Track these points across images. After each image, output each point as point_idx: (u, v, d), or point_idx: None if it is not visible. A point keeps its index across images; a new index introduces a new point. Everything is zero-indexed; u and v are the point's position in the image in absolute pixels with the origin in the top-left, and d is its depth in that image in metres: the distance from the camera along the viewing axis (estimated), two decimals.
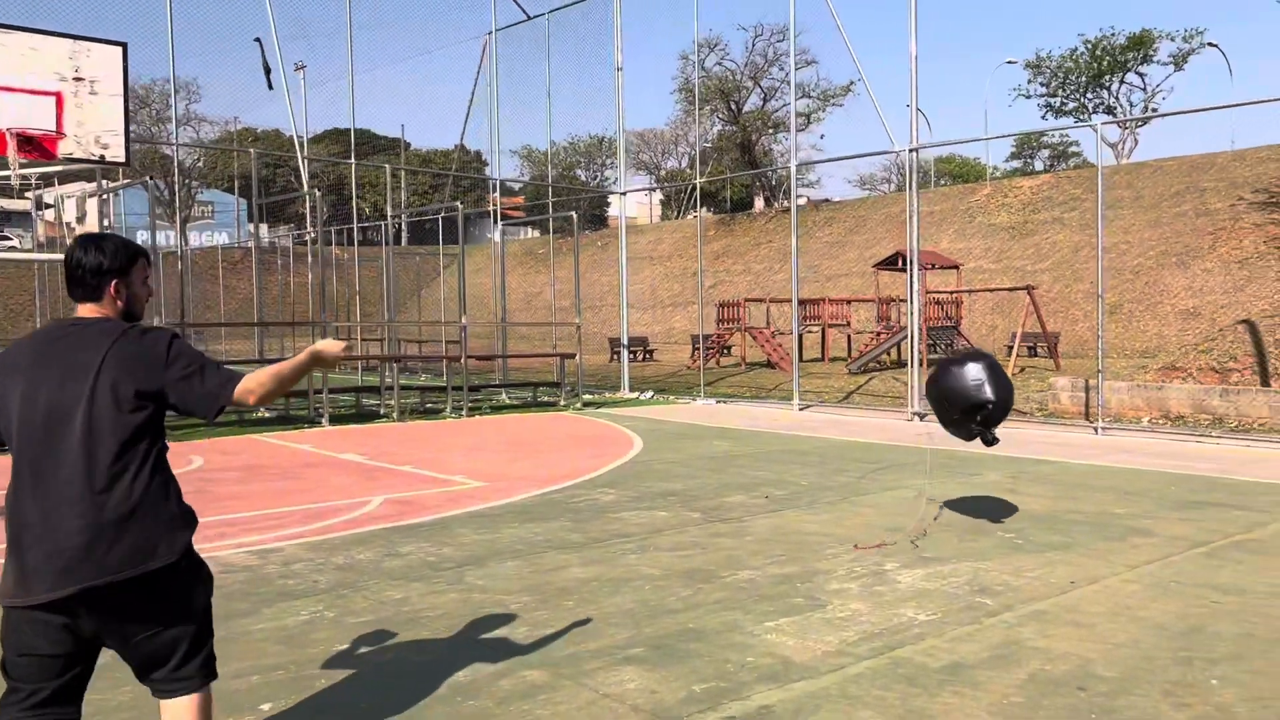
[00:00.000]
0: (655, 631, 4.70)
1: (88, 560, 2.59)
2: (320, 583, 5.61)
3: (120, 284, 2.81)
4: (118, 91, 10.37)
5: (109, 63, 10.31)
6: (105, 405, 2.67)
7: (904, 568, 5.83)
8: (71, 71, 10.08)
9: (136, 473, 2.70)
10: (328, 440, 12.22)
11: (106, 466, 2.66)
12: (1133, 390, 14.43)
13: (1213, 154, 37.34)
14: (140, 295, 2.89)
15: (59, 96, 9.99)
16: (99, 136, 10.21)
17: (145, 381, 2.71)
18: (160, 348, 2.75)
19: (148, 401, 2.73)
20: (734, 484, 8.80)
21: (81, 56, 10.15)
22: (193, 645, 2.86)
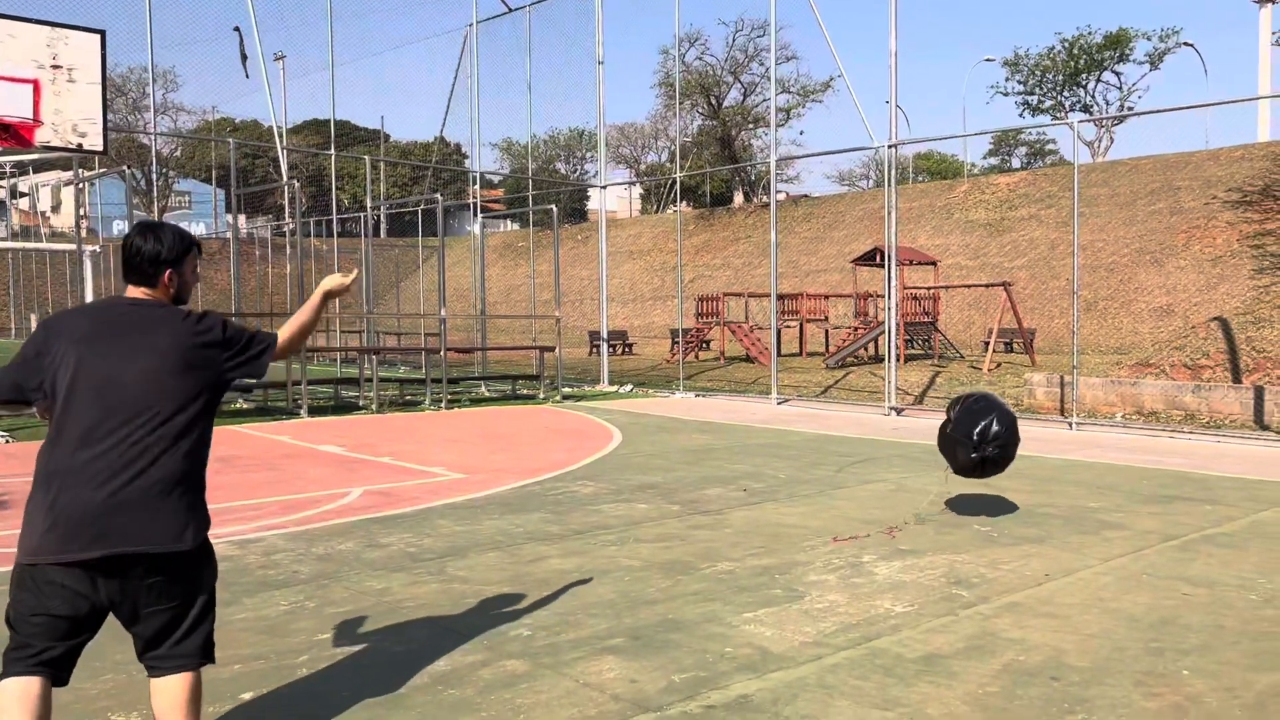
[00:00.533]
0: (635, 622, 4.74)
1: (124, 528, 2.70)
2: (301, 573, 5.61)
3: (174, 273, 2.99)
4: (96, 80, 10.28)
5: (87, 50, 10.21)
6: (170, 386, 2.82)
7: (881, 560, 5.89)
8: (49, 59, 9.98)
9: (186, 453, 2.86)
10: (306, 432, 12.18)
11: (159, 443, 2.79)
12: (1107, 386, 14.59)
13: (1188, 153, 37.72)
14: (190, 283, 3.07)
15: (36, 84, 9.89)
16: (76, 125, 10.12)
17: (210, 364, 2.92)
18: (218, 331, 2.97)
19: (208, 386, 2.93)
20: (713, 477, 8.84)
21: (59, 44, 10.05)
22: (195, 623, 2.97)
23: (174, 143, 59.83)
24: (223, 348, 2.95)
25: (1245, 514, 7.20)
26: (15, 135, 9.72)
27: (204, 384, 2.90)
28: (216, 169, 49.61)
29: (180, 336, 2.87)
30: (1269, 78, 61.59)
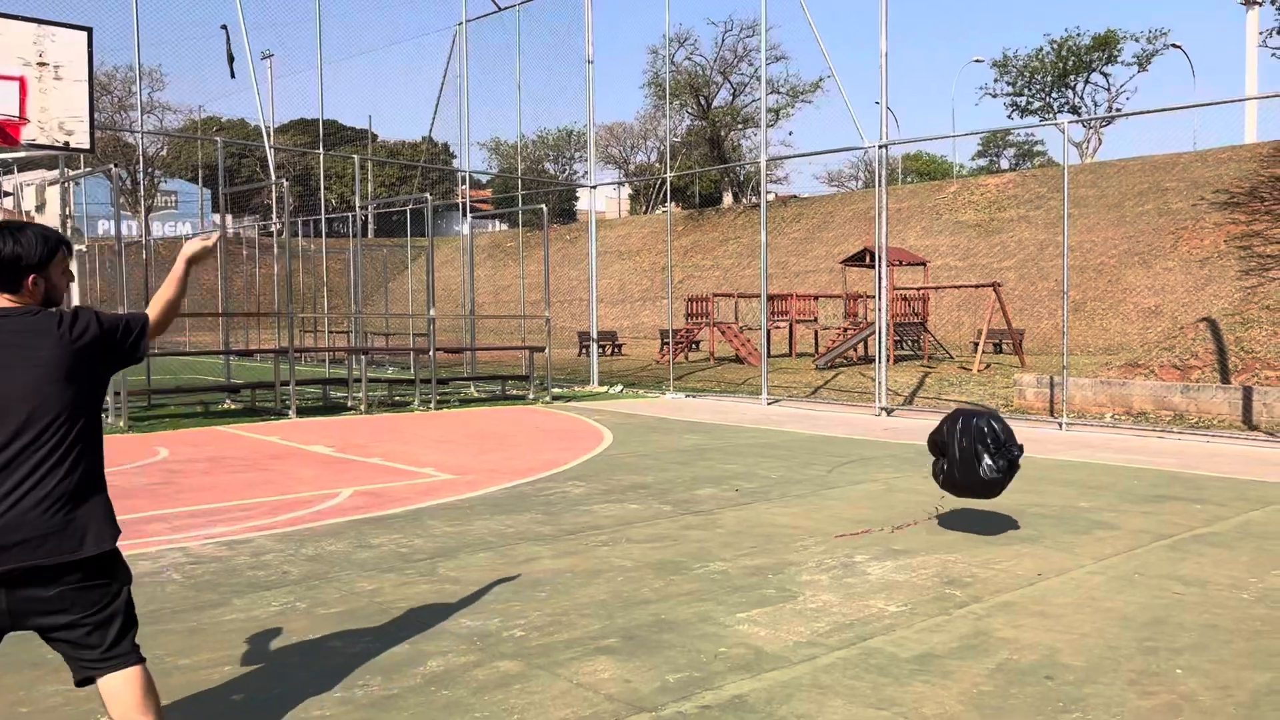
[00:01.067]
0: (628, 622, 4.72)
1: (23, 542, 2.64)
2: (291, 574, 5.58)
3: (39, 277, 2.83)
4: (83, 77, 10.20)
5: (74, 48, 10.13)
6: (55, 395, 2.72)
7: (874, 560, 5.88)
8: (36, 56, 9.90)
9: (78, 459, 2.77)
10: (295, 432, 12.12)
11: (51, 454, 2.71)
12: (1096, 386, 14.64)
13: (1176, 154, 37.89)
14: (59, 285, 2.92)
15: (22, 81, 9.81)
16: (63, 123, 10.04)
17: (92, 364, 2.82)
18: (94, 328, 2.83)
19: (94, 386, 2.84)
20: (704, 477, 8.83)
21: (46, 41, 9.97)
22: (119, 632, 2.92)
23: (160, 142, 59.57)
24: (101, 344, 2.83)
25: (1236, 513, 7.22)
26: (2, 133, 9.64)
27: (89, 386, 2.81)
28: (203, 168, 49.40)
29: (59, 345, 2.75)
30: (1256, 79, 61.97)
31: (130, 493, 8.02)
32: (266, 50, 21.43)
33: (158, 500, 7.70)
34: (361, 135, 66.42)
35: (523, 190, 26.30)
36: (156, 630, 4.60)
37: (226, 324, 15.67)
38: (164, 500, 7.70)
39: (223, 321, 15.52)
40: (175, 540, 6.37)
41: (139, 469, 9.26)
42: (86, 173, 13.94)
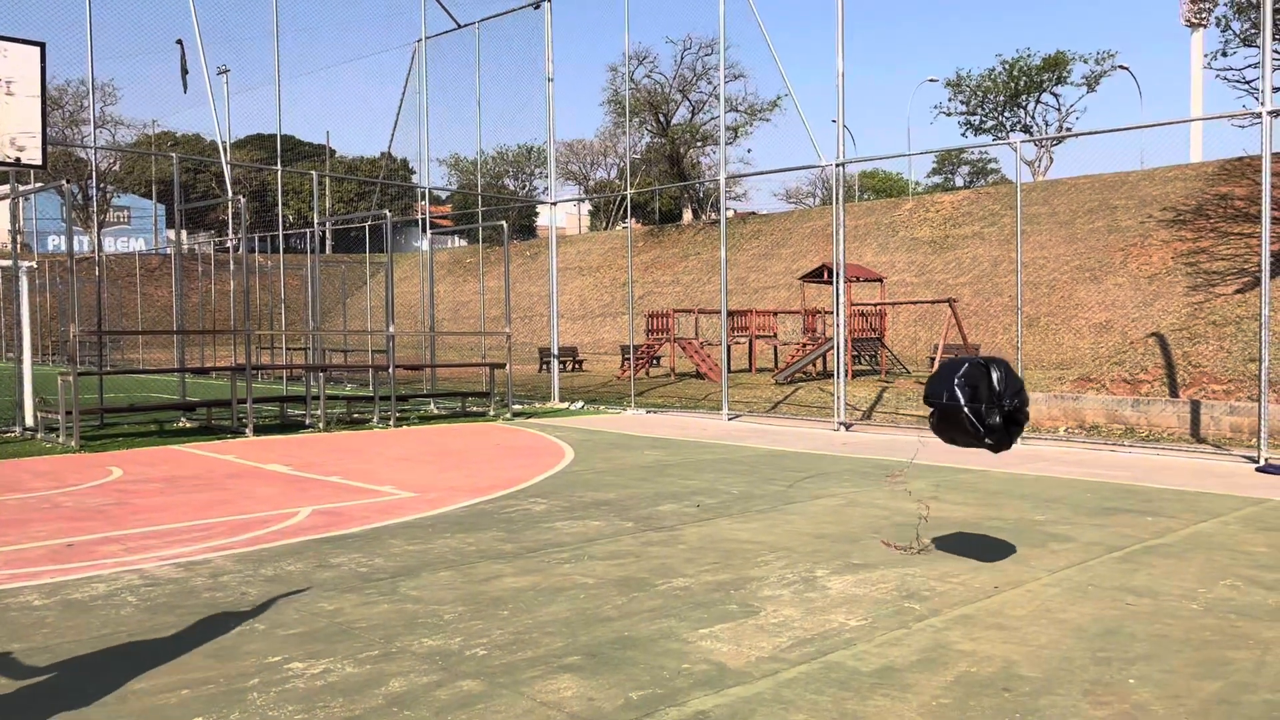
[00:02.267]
0: (591, 640, 4.72)
1: None
2: (250, 595, 5.51)
3: None
4: (35, 93, 10.06)
5: (26, 62, 9.99)
6: None
7: (834, 574, 5.94)
8: None
9: None
10: (252, 451, 11.98)
11: None
12: (1049, 401, 14.87)
13: (1124, 173, 38.69)
14: None
15: None
16: (15, 138, 9.88)
17: None
18: None
19: None
20: (666, 493, 8.85)
21: None
22: None
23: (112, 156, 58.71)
24: None
25: (1185, 525, 7.37)
26: None
27: None
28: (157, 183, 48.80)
29: None
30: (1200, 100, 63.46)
31: (83, 514, 7.88)
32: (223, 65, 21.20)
33: (112, 522, 7.57)
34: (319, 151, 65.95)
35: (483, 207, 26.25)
36: (111, 655, 4.53)
37: (182, 341, 15.46)
38: (118, 521, 7.58)
39: (178, 339, 15.31)
40: (130, 563, 6.27)
41: (91, 489, 9.10)
42: (39, 188, 13.73)
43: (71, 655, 4.51)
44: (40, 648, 4.62)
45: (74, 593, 5.56)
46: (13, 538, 7.01)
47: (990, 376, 5.75)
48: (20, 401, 13.29)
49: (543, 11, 19.00)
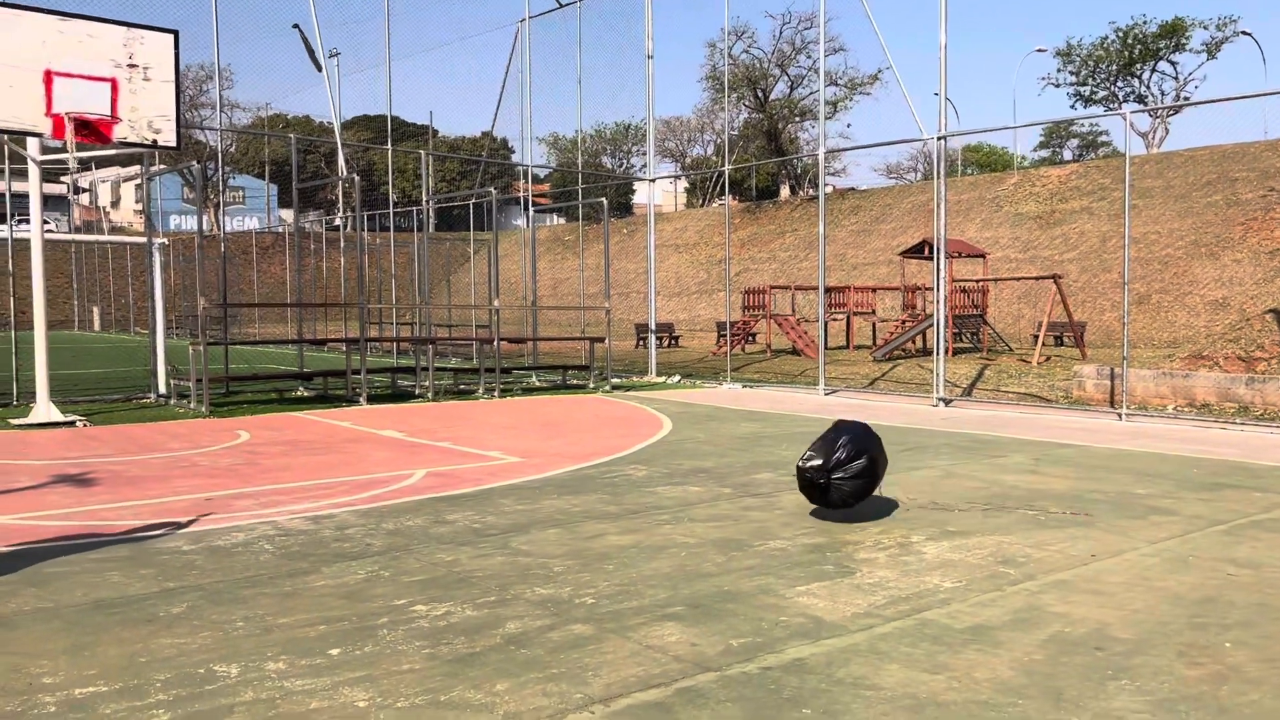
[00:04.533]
0: (692, 593, 4.97)
1: None
2: (374, 545, 5.92)
3: None
4: (170, 78, 10.72)
5: (161, 50, 10.65)
6: None
7: (929, 540, 6.07)
8: (126, 58, 10.43)
9: None
10: (366, 418, 12.56)
11: None
12: (1158, 378, 14.54)
13: (1246, 143, 37.04)
14: None
15: (114, 82, 10.34)
16: (151, 122, 10.56)
17: None
18: None
19: None
20: (762, 462, 9.05)
21: (135, 44, 10.49)
22: None
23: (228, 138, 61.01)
24: None
25: None
26: (95, 132, 10.18)
27: None
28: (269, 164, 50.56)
29: None
30: None
31: (217, 472, 8.46)
32: (334, 49, 21.96)
33: (243, 479, 8.13)
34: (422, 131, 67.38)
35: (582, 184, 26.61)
36: (255, 593, 4.96)
37: (299, 315, 16.21)
38: (249, 479, 8.12)
39: (296, 313, 16.05)
40: (264, 515, 6.76)
41: (223, 451, 9.73)
42: (164, 170, 14.53)
43: (220, 594, 4.96)
44: (192, 586, 5.08)
45: (217, 540, 6.05)
46: (157, 491, 7.59)
47: (835, 444, 6.58)
48: (155, 370, 14.16)
49: None
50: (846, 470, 6.48)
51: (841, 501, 6.57)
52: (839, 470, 6.48)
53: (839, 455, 6.50)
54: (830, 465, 6.48)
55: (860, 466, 6.50)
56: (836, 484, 6.49)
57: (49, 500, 7.27)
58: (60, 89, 9.98)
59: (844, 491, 6.52)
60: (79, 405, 13.20)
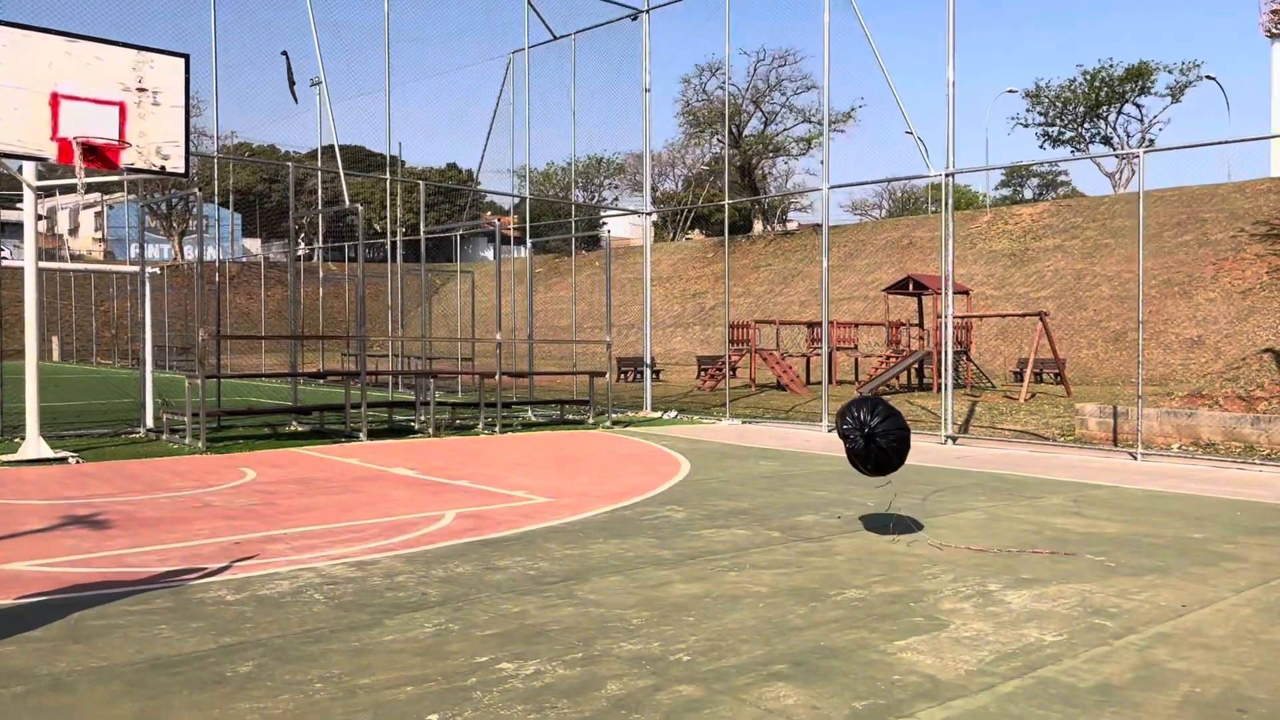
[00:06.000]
0: (789, 649, 4.71)
1: None
2: (430, 595, 5.59)
3: None
4: (179, 103, 10.38)
5: (171, 74, 10.31)
6: None
7: (1008, 589, 5.85)
8: (135, 82, 10.08)
9: None
10: (372, 454, 12.18)
11: None
12: (1162, 417, 14.53)
13: (1212, 185, 37.80)
14: None
15: (122, 106, 9.98)
16: (160, 147, 10.20)
17: None
18: None
19: None
20: (799, 504, 8.82)
21: (145, 67, 10.15)
22: None
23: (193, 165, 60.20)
24: None
25: None
26: (102, 158, 9.80)
27: None
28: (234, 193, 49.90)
29: None
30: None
31: (235, 513, 8.07)
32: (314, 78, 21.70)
33: (266, 521, 7.75)
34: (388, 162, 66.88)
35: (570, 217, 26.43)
36: (323, 650, 4.62)
37: (295, 347, 15.78)
38: (273, 521, 7.75)
39: (292, 345, 15.64)
40: (302, 560, 6.40)
41: (233, 490, 9.32)
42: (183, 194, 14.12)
43: (283, 649, 4.62)
44: (252, 642, 4.73)
45: (261, 589, 5.69)
46: (179, 534, 7.20)
47: (861, 410, 7.30)
48: (144, 404, 13.67)
49: (640, 23, 19.13)
50: (884, 427, 7.15)
51: (884, 455, 7.15)
52: (880, 426, 7.14)
53: (876, 418, 7.17)
54: (870, 423, 7.14)
55: (896, 425, 7.19)
56: (882, 434, 7.12)
57: (65, 544, 6.85)
58: (67, 112, 9.60)
59: (890, 439, 7.12)
60: (66, 440, 12.68)
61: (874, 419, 7.15)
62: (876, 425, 7.12)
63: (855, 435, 7.16)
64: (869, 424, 7.13)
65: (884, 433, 7.12)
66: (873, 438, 7.12)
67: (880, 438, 7.12)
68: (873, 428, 7.12)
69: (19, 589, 5.65)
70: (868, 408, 7.23)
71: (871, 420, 7.15)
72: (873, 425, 7.12)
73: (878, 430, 7.12)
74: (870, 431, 7.12)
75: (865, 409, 7.22)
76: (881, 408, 7.26)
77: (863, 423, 7.15)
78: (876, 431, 7.11)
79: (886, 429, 7.13)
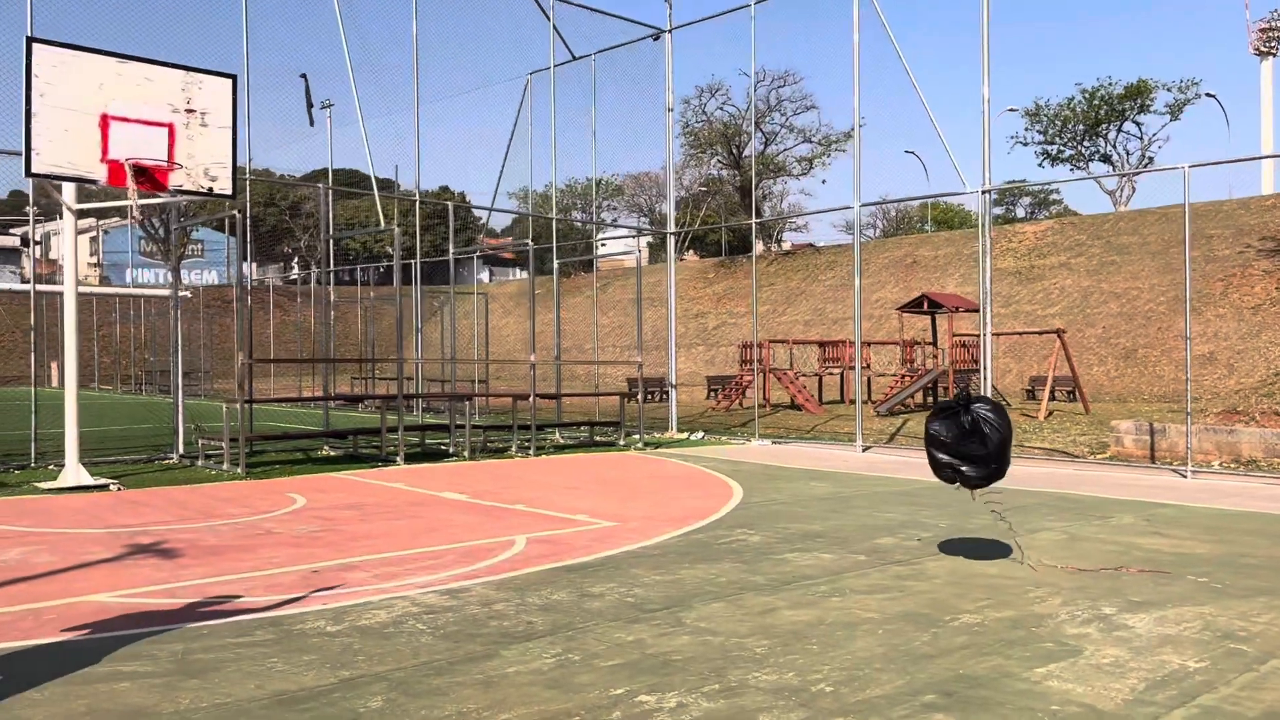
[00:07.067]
0: (930, 678, 4.55)
1: None
2: (536, 624, 5.42)
3: None
4: (226, 124, 10.24)
5: (219, 95, 10.19)
6: None
7: (1124, 613, 5.71)
8: (184, 103, 9.94)
9: None
10: (415, 479, 11.98)
11: None
12: (1202, 434, 14.44)
13: (1218, 201, 37.94)
14: None
15: (171, 128, 9.84)
16: (208, 169, 10.06)
17: None
18: None
19: None
20: (871, 525, 8.66)
21: (193, 88, 10.02)
22: None
23: None
24: None
25: None
26: (151, 179, 9.65)
27: None
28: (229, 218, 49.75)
29: None
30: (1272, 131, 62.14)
31: (302, 541, 7.88)
32: (326, 99, 21.66)
33: (336, 549, 7.56)
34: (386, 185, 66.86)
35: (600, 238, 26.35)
36: (449, 683, 4.45)
37: (328, 370, 15.59)
38: (343, 548, 7.56)
39: (325, 368, 15.45)
40: (390, 589, 6.22)
41: (288, 515, 9.13)
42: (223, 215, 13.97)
43: (406, 683, 4.44)
44: (372, 675, 4.56)
45: (360, 619, 5.51)
46: (250, 563, 7.01)
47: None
48: (176, 428, 13.46)
49: (661, 42, 19.11)
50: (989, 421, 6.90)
51: (984, 447, 6.84)
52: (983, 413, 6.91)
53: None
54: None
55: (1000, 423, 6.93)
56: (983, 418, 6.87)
57: (140, 574, 6.66)
58: (117, 134, 9.45)
59: (991, 424, 6.86)
60: (99, 467, 12.46)
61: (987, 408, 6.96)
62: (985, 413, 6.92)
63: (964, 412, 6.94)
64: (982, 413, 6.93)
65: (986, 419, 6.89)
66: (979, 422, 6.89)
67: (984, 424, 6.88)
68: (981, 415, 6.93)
69: (109, 620, 5.46)
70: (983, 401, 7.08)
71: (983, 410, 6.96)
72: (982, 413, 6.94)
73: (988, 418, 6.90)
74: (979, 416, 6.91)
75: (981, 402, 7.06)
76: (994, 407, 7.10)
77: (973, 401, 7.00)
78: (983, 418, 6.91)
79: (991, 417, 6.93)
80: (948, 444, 6.92)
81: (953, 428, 6.91)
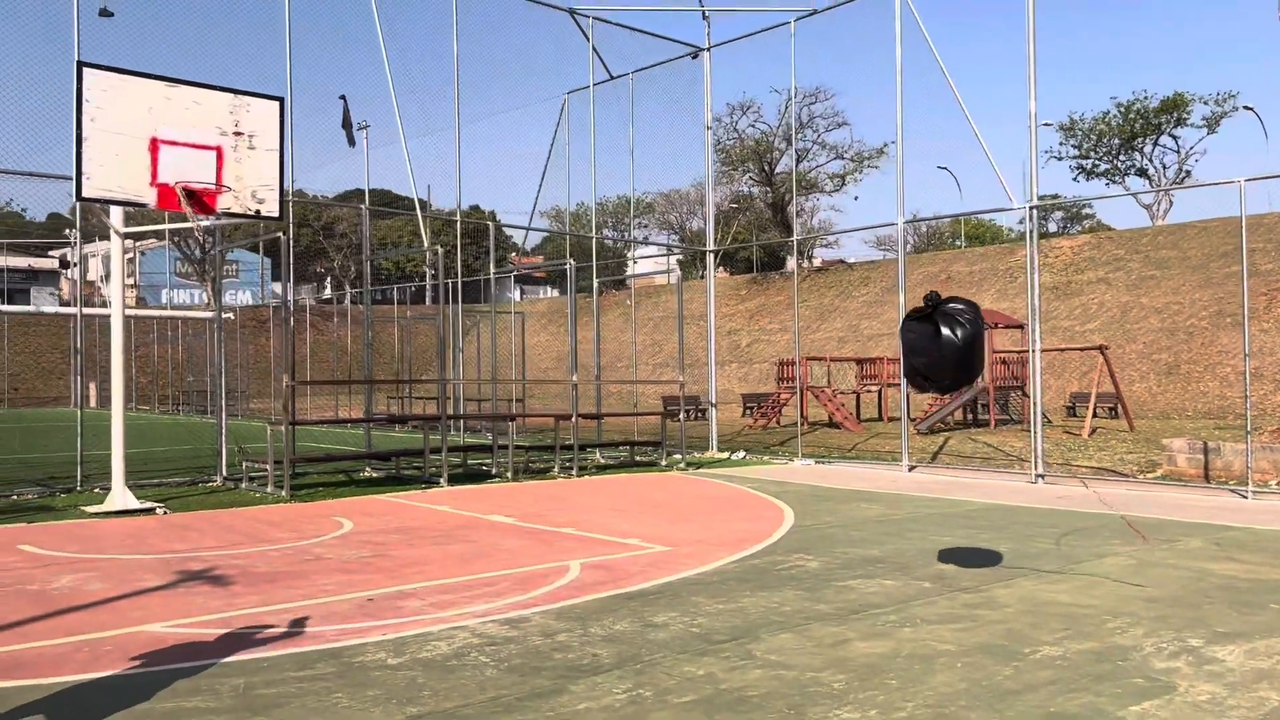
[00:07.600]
0: (1018, 715, 4.36)
1: None
2: (601, 656, 5.27)
3: None
4: (274, 146, 10.24)
5: (267, 117, 10.20)
6: None
7: (1212, 644, 5.48)
8: (232, 126, 9.96)
9: None
10: (461, 501, 11.88)
11: None
12: (1257, 452, 14.07)
13: (1259, 215, 37.32)
14: None
15: (219, 150, 9.86)
16: (255, 191, 10.06)
17: None
18: None
19: None
20: (930, 550, 8.45)
21: (241, 111, 10.04)
22: None
23: None
24: None
25: None
26: (200, 202, 9.66)
27: None
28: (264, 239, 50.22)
29: None
30: None
31: (353, 566, 7.79)
32: (362, 121, 21.72)
33: (389, 575, 7.45)
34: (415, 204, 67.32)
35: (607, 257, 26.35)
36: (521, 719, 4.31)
37: (370, 392, 15.56)
38: (395, 575, 7.45)
39: (367, 388, 15.42)
40: (448, 619, 6.10)
41: (337, 540, 9.04)
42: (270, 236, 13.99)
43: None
44: (441, 712, 4.42)
45: (420, 652, 5.39)
46: (303, 591, 6.91)
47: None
48: (219, 450, 13.45)
49: (700, 60, 19.05)
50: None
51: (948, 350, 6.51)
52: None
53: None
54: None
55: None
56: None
57: (194, 603, 6.57)
58: (166, 157, 9.47)
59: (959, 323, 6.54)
60: (144, 489, 12.46)
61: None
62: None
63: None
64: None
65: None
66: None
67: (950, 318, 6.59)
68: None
69: (166, 650, 5.36)
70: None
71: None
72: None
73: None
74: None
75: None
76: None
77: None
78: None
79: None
80: (921, 349, 6.74)
81: (926, 331, 6.67)
